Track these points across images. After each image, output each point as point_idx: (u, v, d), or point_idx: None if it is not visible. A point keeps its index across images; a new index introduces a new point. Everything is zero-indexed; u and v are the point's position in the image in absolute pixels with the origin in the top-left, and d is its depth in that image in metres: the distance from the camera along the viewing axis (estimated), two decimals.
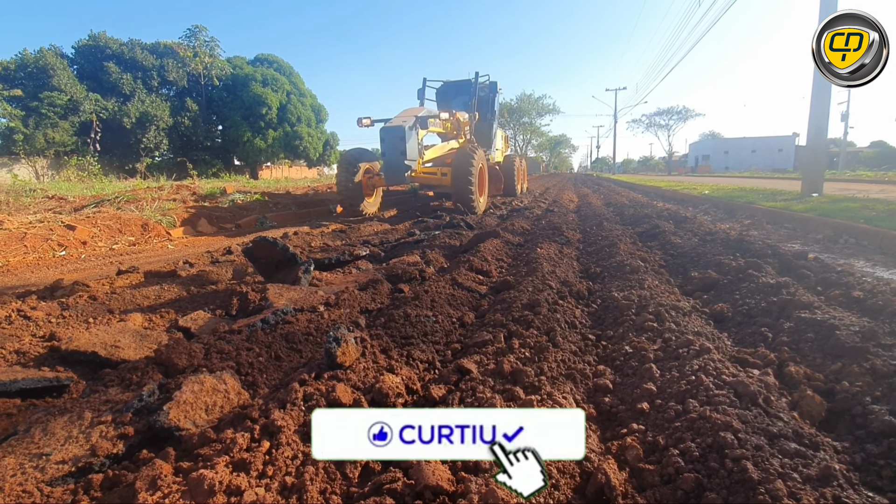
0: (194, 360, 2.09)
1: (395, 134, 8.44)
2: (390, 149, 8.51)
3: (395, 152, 8.49)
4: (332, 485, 1.27)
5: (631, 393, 1.75)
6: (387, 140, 8.50)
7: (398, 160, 8.53)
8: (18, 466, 1.45)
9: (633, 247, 4.53)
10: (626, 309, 2.56)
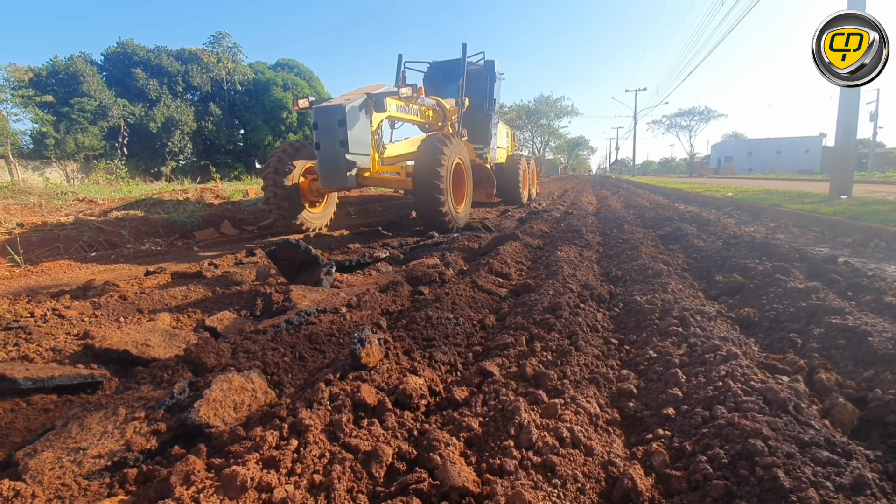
0: (222, 359, 2.14)
1: (330, 117, 6.07)
2: (326, 138, 6.14)
3: (331, 143, 6.13)
4: (358, 484, 1.29)
5: (656, 398, 1.73)
6: (321, 126, 6.14)
7: (335, 154, 6.11)
8: (57, 460, 1.51)
9: (655, 250, 4.47)
10: (649, 313, 2.53)
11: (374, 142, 6.85)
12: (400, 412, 1.64)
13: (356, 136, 6.22)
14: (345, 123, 6.04)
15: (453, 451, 1.33)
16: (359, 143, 6.29)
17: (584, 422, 1.50)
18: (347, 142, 6.06)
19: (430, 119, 8.48)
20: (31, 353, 2.46)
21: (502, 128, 13.82)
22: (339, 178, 6.24)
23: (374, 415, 1.60)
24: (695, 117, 72.24)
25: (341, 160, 6.12)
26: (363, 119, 6.40)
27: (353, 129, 6.15)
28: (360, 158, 6.40)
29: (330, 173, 6.30)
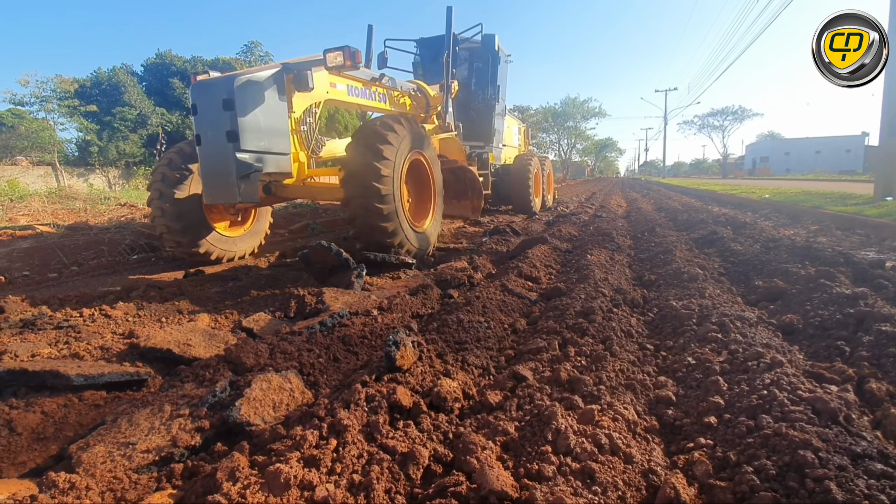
0: (260, 359, 2.20)
1: (212, 96, 4.12)
2: (206, 128, 4.16)
3: (214, 136, 4.13)
4: (396, 485, 1.30)
5: (696, 406, 1.69)
6: (201, 110, 4.18)
7: (219, 153, 4.12)
8: (108, 454, 1.58)
9: (690, 253, 4.36)
10: (685, 318, 2.47)
11: (301, 136, 4.76)
12: (435, 415, 1.65)
13: (259, 126, 4.17)
14: (233, 106, 3.98)
15: (490, 455, 1.33)
16: (264, 136, 4.22)
17: (622, 428, 1.48)
18: (238, 133, 3.99)
19: (407, 108, 6.40)
20: (80, 351, 2.58)
21: (511, 122, 11.89)
22: (227, 189, 4.13)
23: (410, 417, 1.62)
24: (728, 117, 70.21)
25: (228, 162, 4.04)
26: (274, 101, 4.30)
27: (250, 114, 4.10)
28: (270, 160, 4.31)
29: (213, 181, 4.20)
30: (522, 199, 10.14)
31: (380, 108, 5.96)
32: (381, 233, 4.46)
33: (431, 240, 5.39)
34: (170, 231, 4.81)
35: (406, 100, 6.51)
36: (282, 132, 4.46)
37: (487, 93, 9.27)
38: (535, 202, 10.57)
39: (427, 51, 9.05)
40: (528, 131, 14.39)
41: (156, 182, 4.88)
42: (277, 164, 4.43)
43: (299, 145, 4.81)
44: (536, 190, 10.78)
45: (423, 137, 5.30)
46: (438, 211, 5.70)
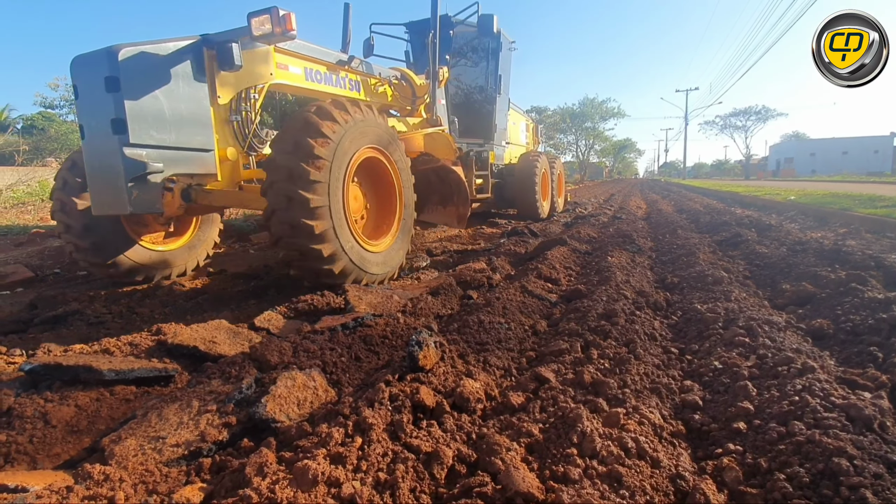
0: (284, 357, 2.23)
1: (93, 72, 3.16)
2: (88, 116, 3.24)
3: (98, 125, 3.19)
4: (420, 484, 1.31)
5: (724, 411, 1.66)
6: (82, 92, 3.24)
7: (105, 147, 3.16)
8: (139, 447, 1.62)
9: (713, 256, 4.28)
10: (711, 322, 2.43)
11: (231, 129, 3.80)
12: (458, 415, 1.65)
13: (161, 114, 3.25)
14: (118, 86, 3.06)
15: (515, 457, 1.33)
16: (169, 128, 3.28)
17: (648, 432, 1.46)
18: (126, 122, 3.06)
19: (388, 98, 5.65)
20: (111, 347, 2.65)
21: (518, 118, 10.93)
22: (114, 196, 3.16)
23: (433, 416, 1.63)
24: (751, 117, 68.68)
25: (114, 160, 3.10)
26: (186, 83, 3.40)
27: (146, 98, 3.17)
28: (180, 158, 3.38)
29: (98, 186, 3.25)
30: (528, 203, 9.12)
31: (350, 98, 4.63)
32: (315, 258, 3.34)
33: (393, 263, 4.13)
34: (78, 249, 3.89)
35: (386, 89, 5.59)
36: (199, 123, 3.47)
37: (486, 83, 8.22)
38: (543, 206, 9.48)
39: (417, 36, 7.69)
40: (537, 129, 13.27)
41: (57, 190, 3.90)
42: (193, 164, 3.46)
43: (230, 140, 3.81)
44: (544, 192, 9.71)
45: (384, 131, 4.10)
46: (405, 226, 4.39)
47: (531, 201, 9.08)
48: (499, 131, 8.78)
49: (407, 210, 4.45)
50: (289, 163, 3.27)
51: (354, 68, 5.02)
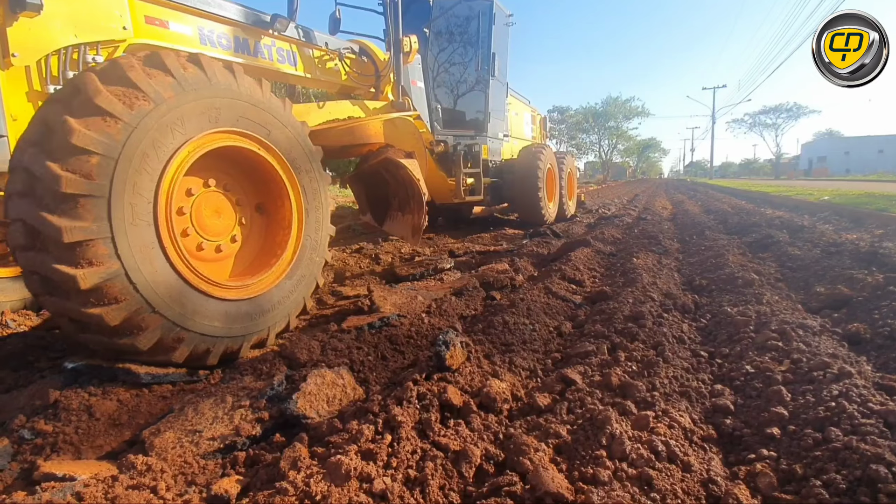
0: (313, 355, 2.28)
1: None
2: None
3: None
4: (449, 481, 1.32)
5: (757, 416, 1.63)
6: None
7: None
8: (177, 440, 1.68)
9: (743, 258, 4.19)
10: (742, 325, 2.38)
11: None
12: (484, 415, 1.67)
13: None
14: None
15: (543, 457, 1.33)
16: None
17: (678, 436, 1.45)
18: None
19: (342, 77, 4.57)
20: None
21: (520, 107, 9.67)
22: None
23: (460, 416, 1.64)
24: (782, 115, 66.58)
25: None
26: None
27: None
28: None
29: None
30: (529, 205, 7.68)
31: (280, 72, 3.88)
32: (98, 329, 2.05)
33: (281, 310, 2.70)
34: None
35: (338, 65, 4.49)
36: None
37: (477, 64, 6.87)
38: (548, 209, 8.04)
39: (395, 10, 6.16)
40: (544, 122, 11.85)
41: None
42: None
43: None
44: (549, 192, 8.25)
45: (257, 105, 2.62)
46: (303, 257, 2.88)
47: (533, 203, 7.63)
48: (493, 121, 7.50)
49: (305, 231, 2.87)
50: (30, 162, 1.95)
51: (287, 36, 3.86)
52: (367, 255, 5.56)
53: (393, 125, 4.51)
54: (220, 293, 2.36)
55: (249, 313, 2.47)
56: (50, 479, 1.50)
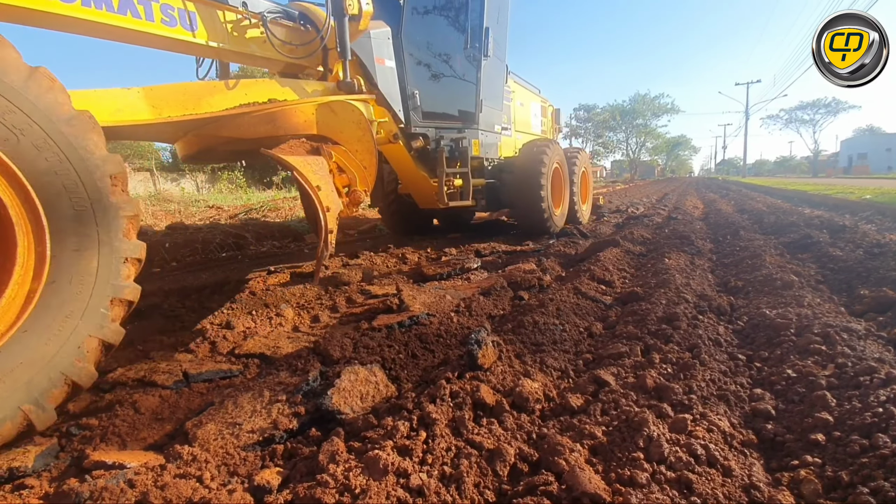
0: (345, 352, 2.32)
1: None
2: None
3: None
4: (484, 479, 1.33)
5: (800, 422, 1.58)
6: None
7: None
8: (218, 432, 1.74)
9: (781, 259, 4.05)
10: (782, 328, 2.31)
11: None
12: (517, 414, 1.67)
13: None
14: None
15: (579, 458, 1.33)
16: None
17: (718, 440, 1.42)
18: None
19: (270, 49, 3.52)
20: (185, 339, 2.86)
21: (525, 96, 8.39)
22: None
23: (493, 415, 1.65)
24: (819, 110, 64.05)
25: None
26: None
27: None
28: None
29: None
30: (530, 212, 6.46)
31: (167, 39, 2.97)
32: None
33: None
34: None
35: (259, 33, 3.44)
36: None
37: (465, 41, 5.66)
38: (554, 216, 6.77)
39: None
40: (557, 114, 10.36)
41: None
42: None
43: None
44: (556, 196, 7.07)
45: None
46: (54, 300, 1.79)
47: (535, 209, 6.38)
48: (487, 111, 6.35)
49: (66, 262, 1.81)
50: None
51: None
52: (394, 255, 5.61)
53: (330, 111, 3.45)
54: None
55: None
56: (100, 468, 1.58)
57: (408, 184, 6.04)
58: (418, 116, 5.33)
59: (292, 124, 3.26)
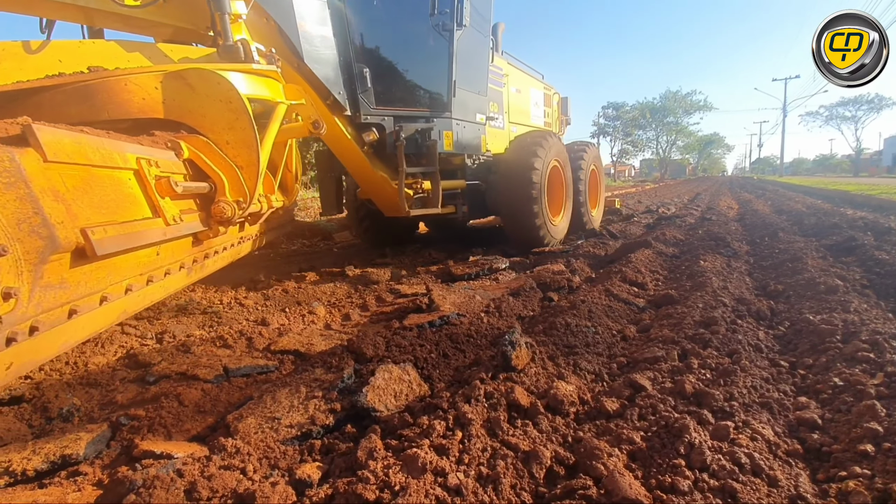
0: (378, 351, 2.35)
1: None
2: None
3: None
4: (521, 481, 1.34)
5: (847, 432, 1.52)
6: None
7: None
8: (258, 426, 1.79)
9: (824, 262, 3.90)
10: (827, 335, 2.23)
11: None
12: (552, 417, 1.66)
13: None
14: None
15: (618, 463, 1.32)
16: None
17: (762, 449, 1.38)
18: None
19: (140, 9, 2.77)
20: (223, 334, 2.95)
21: (523, 81, 7.23)
22: None
23: (527, 416, 1.65)
24: (862, 106, 61.08)
25: None
26: None
27: None
28: None
29: None
30: (520, 220, 5.32)
31: None
32: None
33: None
34: None
35: None
36: None
37: (433, 5, 4.51)
38: (552, 226, 5.65)
39: None
40: (564, 104, 9.04)
41: None
42: None
43: None
44: (555, 201, 6.00)
45: None
46: None
47: (525, 216, 5.24)
48: (464, 95, 5.17)
49: None
50: None
51: None
52: (422, 255, 5.64)
53: (184, 85, 2.38)
54: None
55: None
56: (148, 457, 1.65)
57: (365, 187, 5.07)
58: (370, 102, 4.35)
59: (121, 103, 2.23)
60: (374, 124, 4.48)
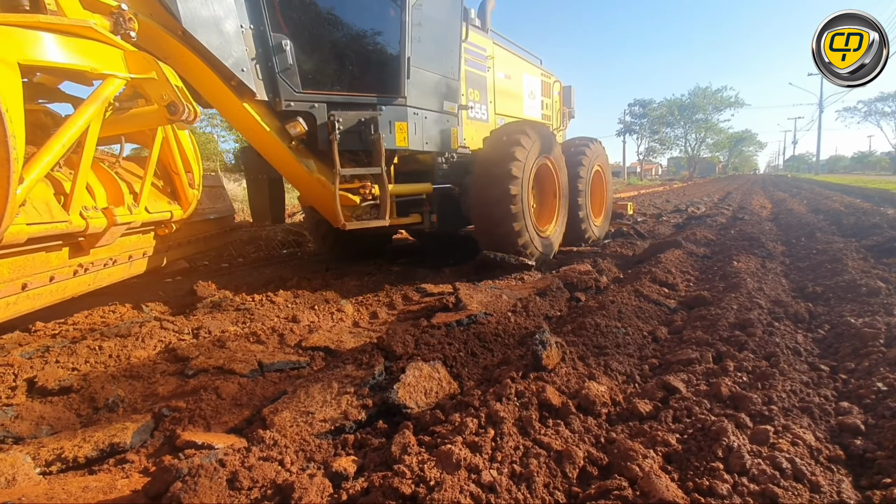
0: (407, 348, 2.38)
1: None
2: None
3: None
4: (554, 480, 1.34)
5: (892, 438, 1.47)
6: None
7: None
8: (293, 420, 1.84)
9: (865, 264, 3.76)
10: (869, 338, 2.15)
11: None
12: (583, 417, 1.66)
13: None
14: None
15: (653, 464, 1.31)
16: None
17: (803, 454, 1.35)
18: None
19: None
20: (256, 330, 3.03)
21: (513, 65, 6.17)
22: None
23: (559, 416, 1.65)
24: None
25: None
26: None
27: None
28: None
29: None
30: (494, 229, 4.42)
31: None
32: None
33: None
34: None
35: None
36: None
37: None
38: (536, 237, 4.72)
39: None
40: (566, 93, 8.02)
41: None
42: None
43: None
44: (546, 209, 5.32)
45: None
46: None
47: (500, 226, 4.36)
48: (426, 78, 4.25)
49: None
50: None
51: None
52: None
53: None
54: None
55: None
56: (190, 447, 1.71)
57: (301, 192, 4.38)
58: (294, 84, 3.52)
59: None
60: (299, 112, 3.59)
